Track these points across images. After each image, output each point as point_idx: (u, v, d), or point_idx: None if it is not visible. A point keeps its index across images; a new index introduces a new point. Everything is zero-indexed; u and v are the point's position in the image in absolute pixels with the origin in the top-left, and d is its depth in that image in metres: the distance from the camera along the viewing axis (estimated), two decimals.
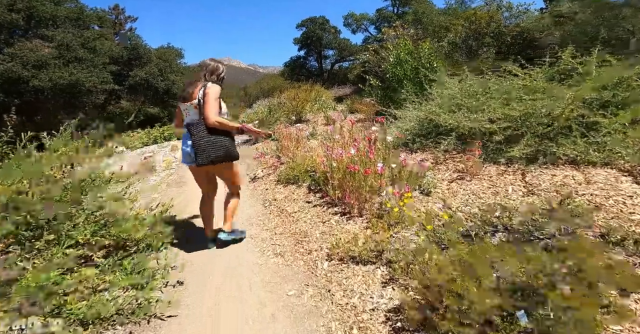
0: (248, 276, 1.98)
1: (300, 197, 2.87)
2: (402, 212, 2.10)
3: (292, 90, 9.16)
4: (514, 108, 2.90)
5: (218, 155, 1.79)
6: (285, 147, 3.74)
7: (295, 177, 3.11)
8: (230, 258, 2.21)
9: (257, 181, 3.64)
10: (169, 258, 1.99)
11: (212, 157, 1.78)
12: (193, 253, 2.31)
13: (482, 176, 2.65)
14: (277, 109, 7.16)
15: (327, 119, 5.79)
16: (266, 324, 1.52)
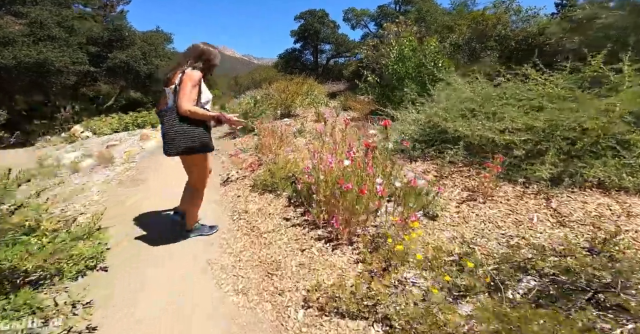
0: (194, 322, 1.44)
1: (278, 211, 2.33)
2: (407, 247, 1.61)
3: (282, 81, 8.53)
4: (538, 118, 2.46)
5: (188, 146, 1.64)
6: (265, 146, 3.18)
7: (274, 184, 2.57)
8: (173, 291, 1.66)
9: (229, 185, 3.07)
10: (84, 290, 1.42)
11: (182, 148, 1.64)
12: (122, 280, 1.74)
13: (497, 197, 2.19)
14: (264, 101, 6.54)
15: (318, 116, 5.25)
16: None
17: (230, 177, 3.17)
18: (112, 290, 1.65)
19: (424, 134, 3.37)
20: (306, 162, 2.92)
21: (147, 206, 2.70)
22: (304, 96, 7.57)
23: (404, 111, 4.06)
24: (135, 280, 1.75)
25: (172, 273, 1.82)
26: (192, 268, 1.87)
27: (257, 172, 3.04)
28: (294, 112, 6.33)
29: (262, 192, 2.65)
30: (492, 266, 1.59)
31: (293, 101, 6.76)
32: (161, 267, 1.87)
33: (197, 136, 1.64)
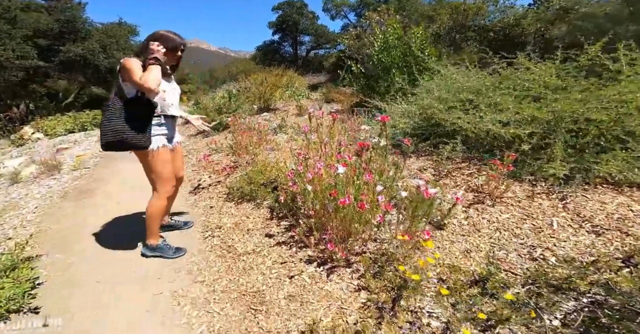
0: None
1: (258, 226, 1.95)
2: (417, 269, 1.31)
3: (260, 73, 7.99)
4: (542, 109, 2.25)
5: (108, 141, 1.47)
6: (241, 145, 2.77)
7: (252, 192, 2.18)
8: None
9: (199, 193, 2.64)
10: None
11: (103, 141, 1.49)
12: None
13: (507, 199, 1.96)
14: (240, 95, 6.03)
15: (300, 109, 4.86)
16: None
17: (201, 183, 2.74)
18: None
19: (417, 128, 3.10)
20: (289, 163, 2.55)
21: (92, 225, 2.23)
22: (284, 89, 7.11)
23: (392, 103, 3.78)
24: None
25: (124, 315, 1.41)
26: (152, 304, 1.46)
27: (232, 178, 2.63)
28: (273, 106, 5.88)
29: (239, 201, 2.26)
30: (518, 285, 1.33)
31: (272, 93, 6.29)
32: (107, 307, 1.46)
33: (117, 130, 1.43)
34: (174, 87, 1.69)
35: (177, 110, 1.73)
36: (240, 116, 4.26)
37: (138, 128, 1.46)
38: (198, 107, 5.96)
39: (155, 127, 1.61)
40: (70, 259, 1.83)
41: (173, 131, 1.76)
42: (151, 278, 1.65)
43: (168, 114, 1.66)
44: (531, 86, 2.56)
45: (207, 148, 3.50)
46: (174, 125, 1.76)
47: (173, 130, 1.76)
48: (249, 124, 3.15)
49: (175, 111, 1.70)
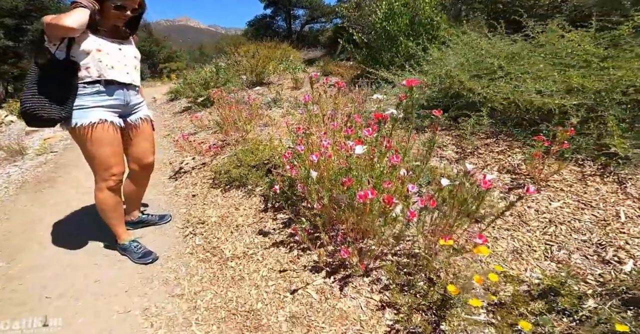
0: None
1: (249, 219, 1.58)
2: (463, 284, 0.97)
3: (250, 45, 7.28)
4: (595, 78, 1.86)
5: (24, 111, 1.18)
6: (229, 121, 2.32)
7: (243, 176, 1.79)
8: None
9: (181, 178, 2.23)
10: None
11: (22, 115, 1.21)
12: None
13: (554, 182, 1.61)
14: (230, 68, 5.43)
15: (296, 82, 4.35)
16: None
17: (183, 167, 2.33)
18: None
19: (432, 99, 2.71)
20: (286, 141, 2.14)
21: (49, 222, 1.84)
22: (278, 62, 6.47)
23: (401, 73, 3.34)
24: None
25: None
26: (117, 326, 1.12)
27: (219, 159, 2.23)
28: (267, 80, 5.32)
29: (226, 188, 1.87)
30: (594, 298, 1.01)
31: (265, 66, 5.69)
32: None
33: (29, 99, 1.15)
34: (121, 49, 1.28)
35: (126, 76, 1.29)
36: (229, 90, 3.75)
37: (53, 98, 1.17)
38: (184, 83, 5.38)
39: (89, 97, 1.22)
40: (15, 269, 1.46)
41: (124, 103, 1.33)
42: (117, 290, 1.30)
43: (109, 79, 1.23)
44: (574, 53, 2.14)
45: (192, 126, 3.06)
46: (126, 95, 1.32)
47: (124, 101, 1.32)
48: (239, 98, 2.69)
49: (120, 76, 1.26)
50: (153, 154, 1.52)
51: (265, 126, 2.61)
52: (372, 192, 0.87)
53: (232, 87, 3.71)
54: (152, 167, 1.55)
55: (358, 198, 0.87)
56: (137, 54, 1.38)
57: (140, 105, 1.43)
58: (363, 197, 0.87)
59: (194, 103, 4.15)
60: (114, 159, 1.29)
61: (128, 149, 1.44)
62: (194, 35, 73.75)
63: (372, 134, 1.01)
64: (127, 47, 1.33)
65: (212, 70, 5.39)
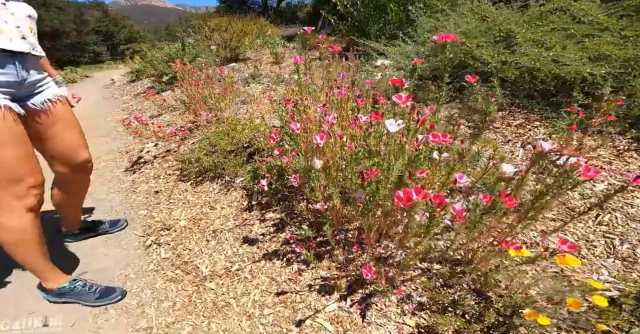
0: None
1: (230, 222, 1.21)
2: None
3: (222, 18, 6.52)
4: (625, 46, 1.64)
5: None
6: (196, 99, 1.86)
7: (217, 165, 1.40)
8: None
9: (140, 170, 1.79)
10: None
11: None
12: None
13: (595, 161, 1.40)
14: (199, 44, 4.77)
15: (276, 56, 3.85)
16: None
17: (143, 155, 1.88)
18: None
19: (435, 69, 2.40)
20: (269, 119, 1.75)
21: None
22: (254, 36, 5.82)
23: (394, 44, 3.00)
24: None
25: None
26: None
27: (188, 144, 1.80)
28: (243, 56, 4.74)
29: (197, 181, 1.48)
30: None
31: (240, 41, 5.07)
32: None
33: None
34: (6, 4, 0.80)
35: (21, 42, 0.82)
36: (199, 65, 3.21)
37: None
38: (145, 61, 4.67)
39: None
40: None
41: (18, 80, 0.85)
42: (62, 327, 0.93)
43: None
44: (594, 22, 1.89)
45: (155, 107, 2.55)
46: (20, 69, 0.84)
47: (18, 78, 0.84)
48: (209, 73, 2.21)
49: (11, 42, 0.79)
50: (85, 148, 1.07)
51: (243, 103, 2.19)
52: (417, 192, 0.54)
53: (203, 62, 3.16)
54: (90, 166, 1.10)
55: (395, 200, 0.53)
56: (31, 12, 0.89)
57: (44, 82, 0.95)
58: (404, 199, 0.53)
59: (158, 82, 3.57)
60: (27, 164, 0.84)
61: (44, 147, 0.99)
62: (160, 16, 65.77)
63: (406, 102, 0.66)
64: (15, 3, 0.85)
65: (178, 46, 4.70)
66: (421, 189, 0.53)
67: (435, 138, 0.68)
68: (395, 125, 0.60)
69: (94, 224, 1.34)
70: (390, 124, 0.60)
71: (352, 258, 0.92)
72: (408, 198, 0.53)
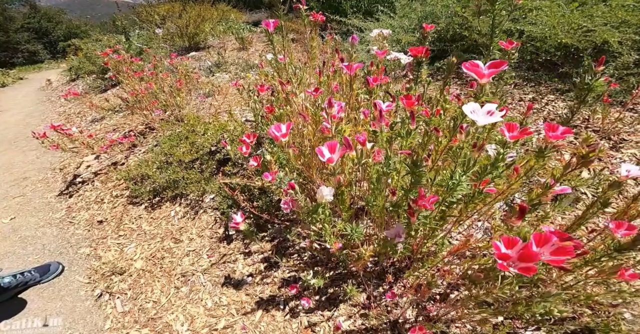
0: None
1: (204, 259, 0.90)
2: None
3: (174, 3, 5.79)
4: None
5: None
6: (143, 95, 1.44)
7: (175, 181, 1.06)
8: None
9: (78, 193, 1.38)
10: None
11: None
12: None
13: (625, 135, 1.25)
14: (148, 35, 4.16)
15: (243, 42, 3.41)
16: None
17: (80, 173, 1.46)
18: None
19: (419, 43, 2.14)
20: (240, 113, 1.41)
21: None
22: (215, 22, 5.21)
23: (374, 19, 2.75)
24: None
25: None
26: None
27: (139, 154, 1.41)
28: (204, 44, 4.21)
29: (153, 203, 1.13)
30: None
31: (198, 27, 4.49)
32: None
33: None
34: None
35: None
36: (148, 57, 2.71)
37: None
38: (81, 57, 3.97)
39: None
40: None
41: None
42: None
43: None
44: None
45: (99, 108, 2.07)
46: None
47: None
48: (157, 63, 1.78)
49: None
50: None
51: (207, 96, 1.80)
52: (544, 241, 0.27)
53: (152, 54, 2.66)
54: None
55: (495, 252, 0.27)
56: None
57: None
58: (521, 255, 0.26)
59: (101, 79, 3.01)
60: None
61: None
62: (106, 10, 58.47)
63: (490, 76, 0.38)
64: None
65: (120, 38, 4.04)
66: (551, 236, 0.27)
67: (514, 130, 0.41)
68: (484, 113, 0.33)
69: (15, 278, 0.97)
70: (476, 112, 0.32)
71: (386, 306, 0.66)
72: (528, 255, 0.26)
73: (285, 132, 0.45)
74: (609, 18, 1.46)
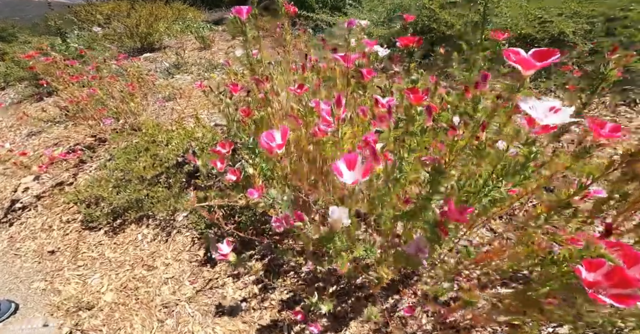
0: None
1: (185, 285, 0.77)
2: None
3: (120, 2, 5.26)
4: None
5: None
6: (84, 102, 1.22)
7: (138, 203, 0.91)
8: None
9: (19, 221, 1.16)
10: None
11: None
12: None
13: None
14: (90, 35, 3.72)
15: (203, 40, 3.17)
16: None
17: (20, 198, 1.22)
18: None
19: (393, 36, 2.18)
20: (207, 117, 1.28)
21: None
22: (171, 22, 4.81)
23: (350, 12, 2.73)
24: None
25: None
26: None
27: (90, 171, 1.22)
28: (159, 44, 3.86)
29: (114, 227, 0.97)
30: None
31: (151, 27, 4.11)
32: None
33: None
34: None
35: None
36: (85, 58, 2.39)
37: None
38: (10, 60, 3.43)
39: None
40: None
41: None
42: None
43: None
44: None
45: (35, 120, 1.77)
46: None
47: None
48: (105, 66, 1.56)
49: None
50: None
51: (167, 100, 1.62)
52: None
53: (94, 55, 2.34)
54: None
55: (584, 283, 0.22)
56: None
57: None
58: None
59: (35, 86, 2.61)
60: None
61: None
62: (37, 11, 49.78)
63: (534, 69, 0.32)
64: None
65: (54, 40, 3.56)
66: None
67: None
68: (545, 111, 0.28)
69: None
70: (536, 109, 0.27)
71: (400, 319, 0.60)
72: (623, 280, 0.21)
73: (281, 142, 0.37)
74: (563, 9, 1.56)
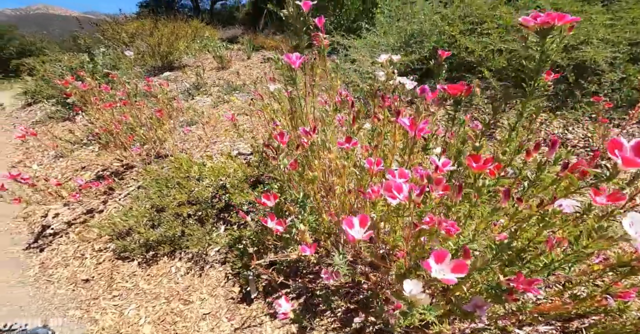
0: None
1: (223, 322, 0.76)
2: None
3: (145, 21, 5.55)
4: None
5: None
6: (116, 130, 1.27)
7: (168, 237, 0.93)
8: None
9: (51, 247, 1.19)
10: None
11: None
12: None
13: None
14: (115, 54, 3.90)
15: (222, 60, 3.30)
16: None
17: (49, 224, 1.26)
18: None
19: (409, 63, 2.21)
20: (229, 144, 1.31)
21: None
22: (189, 40, 5.03)
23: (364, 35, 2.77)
24: None
25: None
26: None
27: (119, 199, 1.25)
28: (179, 63, 4.02)
29: (147, 258, 0.98)
30: None
31: (172, 45, 4.30)
32: None
33: None
34: None
35: None
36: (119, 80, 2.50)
37: None
38: (41, 78, 3.62)
39: None
40: None
41: None
42: None
43: None
44: None
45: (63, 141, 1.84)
46: None
47: None
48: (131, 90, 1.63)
49: None
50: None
51: (189, 125, 1.66)
52: None
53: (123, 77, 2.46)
54: None
55: None
56: None
57: None
58: None
59: (62, 104, 2.73)
60: None
61: None
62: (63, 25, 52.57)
63: None
64: None
65: (84, 58, 3.75)
66: None
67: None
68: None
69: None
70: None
71: None
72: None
73: (364, 235, 0.37)
74: (592, 35, 1.54)
